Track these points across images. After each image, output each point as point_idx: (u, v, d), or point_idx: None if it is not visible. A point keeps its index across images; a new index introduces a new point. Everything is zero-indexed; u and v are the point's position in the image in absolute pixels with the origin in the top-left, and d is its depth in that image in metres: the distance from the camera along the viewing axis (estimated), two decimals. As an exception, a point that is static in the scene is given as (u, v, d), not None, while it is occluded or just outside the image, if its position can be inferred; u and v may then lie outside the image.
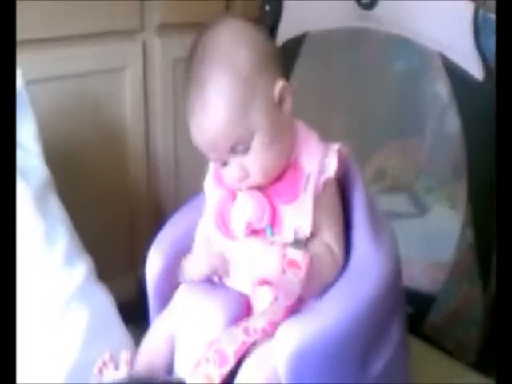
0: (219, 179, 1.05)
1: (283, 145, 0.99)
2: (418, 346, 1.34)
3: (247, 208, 0.99)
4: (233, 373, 0.96)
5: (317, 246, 0.98)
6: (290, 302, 0.95)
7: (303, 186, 0.97)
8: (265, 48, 0.99)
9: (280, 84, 0.98)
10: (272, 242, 0.97)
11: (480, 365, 1.43)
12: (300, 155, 0.99)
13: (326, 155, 0.99)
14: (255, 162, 0.96)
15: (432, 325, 1.56)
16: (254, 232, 0.99)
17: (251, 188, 0.99)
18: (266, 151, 0.97)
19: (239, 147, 0.96)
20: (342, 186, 1.05)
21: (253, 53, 0.97)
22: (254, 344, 0.96)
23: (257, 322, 0.96)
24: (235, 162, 0.97)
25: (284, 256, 0.95)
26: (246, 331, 0.95)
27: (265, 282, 0.98)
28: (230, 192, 1.03)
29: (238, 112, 0.94)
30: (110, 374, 1.02)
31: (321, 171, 0.98)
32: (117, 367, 1.04)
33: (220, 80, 0.94)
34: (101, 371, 1.03)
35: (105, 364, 1.03)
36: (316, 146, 1.01)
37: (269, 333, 0.95)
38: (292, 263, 0.94)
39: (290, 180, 0.98)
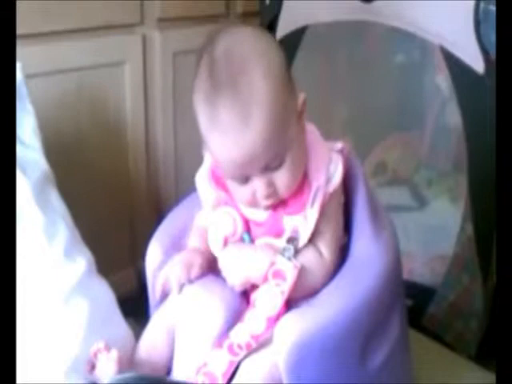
0: (216, 180, 1.03)
1: (305, 157, 0.97)
2: (417, 339, 1.34)
3: (222, 224, 1.00)
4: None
5: (307, 253, 0.98)
6: (270, 313, 0.95)
7: (310, 200, 0.96)
8: (285, 57, 0.95)
9: (302, 96, 0.96)
10: (262, 248, 0.98)
11: (480, 358, 1.43)
12: (308, 166, 0.97)
13: (330, 160, 0.98)
14: (286, 178, 0.93)
15: (432, 318, 1.56)
16: None
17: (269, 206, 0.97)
18: (297, 166, 0.94)
19: (274, 163, 0.92)
20: (343, 180, 1.05)
21: (282, 60, 0.93)
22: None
23: (240, 338, 0.95)
24: (262, 179, 0.93)
25: (272, 264, 0.95)
26: (231, 350, 0.95)
27: (253, 287, 0.98)
28: (229, 193, 1.01)
29: (280, 124, 0.90)
30: (104, 361, 1.02)
31: (327, 180, 0.97)
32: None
33: (262, 91, 0.88)
34: (95, 355, 1.03)
35: (99, 350, 1.03)
36: (321, 150, 0.99)
37: (253, 347, 0.95)
38: (278, 274, 0.95)
39: (297, 193, 0.97)
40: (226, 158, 0.92)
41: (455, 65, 1.48)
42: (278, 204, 0.97)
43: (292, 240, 0.96)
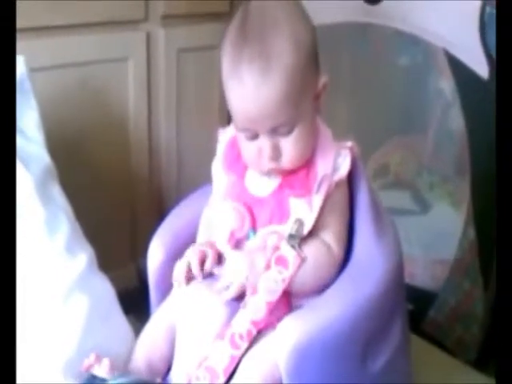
0: (228, 164, 1.05)
1: (313, 139, 0.99)
2: (417, 344, 1.34)
3: (228, 218, 1.00)
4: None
5: (316, 246, 0.98)
6: (270, 299, 0.95)
7: (316, 187, 0.98)
8: (315, 37, 0.98)
9: (324, 79, 0.99)
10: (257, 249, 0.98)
11: (480, 363, 1.43)
12: (316, 154, 1.00)
13: (339, 154, 0.99)
14: (291, 147, 0.96)
15: (432, 322, 1.56)
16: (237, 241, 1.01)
17: (271, 172, 0.99)
18: (304, 141, 0.96)
19: (282, 129, 0.94)
20: (347, 182, 1.04)
21: (312, 38, 0.96)
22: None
23: (241, 326, 0.95)
24: (269, 140, 0.95)
25: (276, 249, 0.95)
26: (233, 342, 0.95)
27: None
28: (239, 177, 1.03)
29: (297, 91, 0.93)
30: (98, 372, 1.00)
31: (334, 171, 0.99)
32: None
33: (287, 54, 0.92)
34: (88, 370, 1.01)
35: (91, 366, 1.00)
36: (330, 144, 1.01)
37: (254, 334, 0.95)
38: (281, 260, 0.95)
39: (303, 177, 0.98)
40: (239, 108, 0.95)
41: (459, 69, 1.48)
42: (283, 183, 0.99)
43: (298, 223, 0.96)
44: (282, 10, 0.95)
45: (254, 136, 0.96)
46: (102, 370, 0.99)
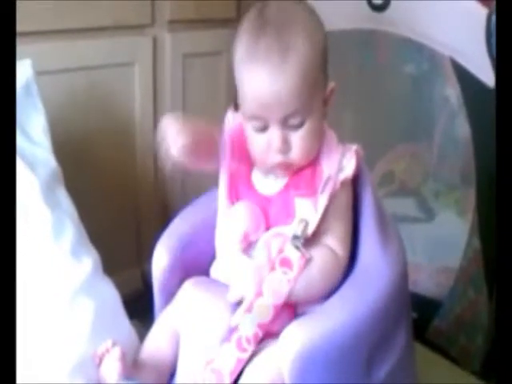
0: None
1: (320, 138, 1.00)
2: (421, 352, 1.33)
3: (243, 219, 0.99)
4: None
5: (321, 251, 0.98)
6: (276, 301, 0.94)
7: (321, 187, 0.98)
8: (327, 41, 1.00)
9: (332, 85, 1.00)
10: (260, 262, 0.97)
11: (484, 373, 1.43)
12: (321, 155, 1.00)
13: (344, 155, 1.00)
14: (301, 142, 0.96)
15: (437, 331, 1.56)
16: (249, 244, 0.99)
17: (278, 169, 0.99)
18: (313, 138, 0.97)
19: (293, 120, 0.95)
20: (352, 189, 1.04)
21: (324, 39, 0.98)
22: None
23: (248, 329, 0.95)
24: (280, 132, 0.95)
25: (280, 251, 0.95)
26: (239, 345, 0.95)
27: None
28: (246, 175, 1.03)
29: (310, 85, 0.94)
30: (107, 360, 0.99)
31: (339, 171, 0.99)
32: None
33: (304, 48, 0.94)
34: (101, 359, 1.01)
35: (107, 351, 1.01)
36: (335, 146, 1.01)
37: (260, 337, 0.95)
38: (285, 262, 0.95)
39: (309, 177, 0.99)
40: (253, 92, 0.95)
41: (465, 77, 1.48)
42: (289, 183, 0.99)
43: (303, 223, 0.96)
44: (299, 10, 0.98)
45: (264, 127, 0.96)
46: (112, 359, 0.99)
